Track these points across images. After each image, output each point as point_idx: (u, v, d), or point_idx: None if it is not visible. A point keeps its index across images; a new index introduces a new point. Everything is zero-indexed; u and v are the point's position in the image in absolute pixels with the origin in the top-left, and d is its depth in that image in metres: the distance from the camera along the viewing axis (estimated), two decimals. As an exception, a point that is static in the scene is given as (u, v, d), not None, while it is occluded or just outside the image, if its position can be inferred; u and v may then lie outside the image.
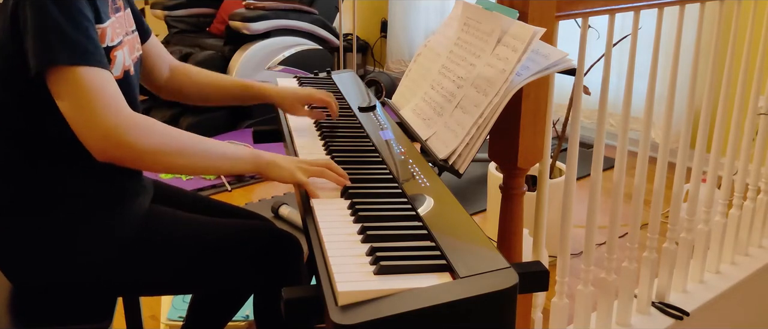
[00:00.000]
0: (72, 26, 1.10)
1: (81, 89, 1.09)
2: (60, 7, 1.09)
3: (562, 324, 1.64)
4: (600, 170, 1.58)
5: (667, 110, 1.69)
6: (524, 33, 1.23)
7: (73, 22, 1.10)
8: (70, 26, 1.09)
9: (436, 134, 1.35)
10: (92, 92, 1.09)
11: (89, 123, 1.09)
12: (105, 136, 1.09)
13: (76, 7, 1.11)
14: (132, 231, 1.28)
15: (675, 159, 1.88)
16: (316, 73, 1.99)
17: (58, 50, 1.09)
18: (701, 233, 1.99)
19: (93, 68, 1.10)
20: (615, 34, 1.52)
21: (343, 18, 4.18)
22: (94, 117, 1.08)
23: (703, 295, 1.95)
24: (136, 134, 1.10)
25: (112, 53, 1.22)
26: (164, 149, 1.13)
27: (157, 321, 2.13)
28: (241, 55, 3.98)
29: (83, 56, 1.10)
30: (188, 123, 3.85)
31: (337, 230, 1.02)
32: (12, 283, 1.29)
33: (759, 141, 2.09)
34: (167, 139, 1.13)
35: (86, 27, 1.12)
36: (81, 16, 1.11)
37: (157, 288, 1.36)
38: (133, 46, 1.33)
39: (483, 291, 0.86)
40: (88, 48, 1.11)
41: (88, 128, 1.09)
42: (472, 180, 3.26)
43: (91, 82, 1.09)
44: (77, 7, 1.11)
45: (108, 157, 1.11)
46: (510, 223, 1.42)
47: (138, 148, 1.10)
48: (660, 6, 1.55)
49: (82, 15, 1.12)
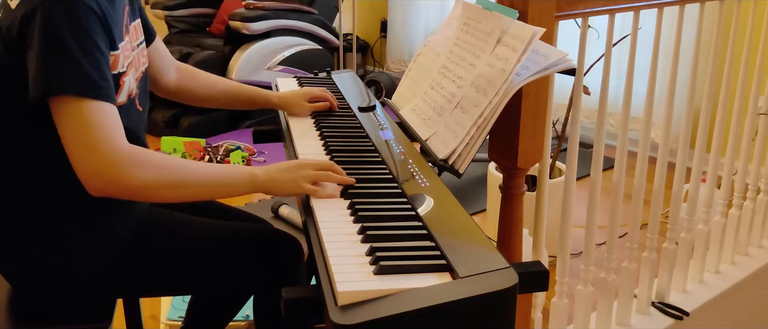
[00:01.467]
0: (85, 58, 1.08)
1: (85, 124, 1.08)
2: (75, 37, 1.07)
3: (561, 324, 1.64)
4: (600, 170, 1.58)
5: (667, 110, 1.69)
6: (524, 33, 1.23)
7: (87, 53, 1.08)
8: (84, 58, 1.08)
9: (435, 134, 1.35)
10: (95, 127, 1.08)
11: (88, 159, 1.08)
12: (99, 175, 1.08)
13: (91, 39, 1.09)
14: (131, 233, 1.28)
15: (675, 159, 1.88)
16: (316, 73, 1.99)
17: (68, 81, 1.07)
18: (701, 233, 1.99)
19: (99, 103, 1.09)
20: (615, 34, 1.52)
21: (343, 18, 4.18)
22: (92, 153, 1.07)
23: (703, 295, 1.95)
24: (131, 171, 1.09)
25: (121, 79, 1.21)
26: (159, 182, 1.12)
27: (157, 321, 2.13)
28: (241, 55, 3.98)
29: (92, 90, 1.09)
30: (189, 123, 3.85)
31: (337, 230, 1.02)
32: (12, 284, 1.29)
33: (759, 141, 2.09)
34: (162, 171, 1.12)
35: (99, 60, 1.10)
36: (95, 47, 1.10)
37: (157, 289, 1.36)
38: (138, 63, 1.31)
39: (483, 291, 0.86)
40: (97, 82, 1.09)
41: (86, 164, 1.08)
42: (472, 180, 3.26)
43: (96, 117, 1.08)
44: (93, 38, 1.09)
45: (101, 192, 1.10)
46: (510, 223, 1.42)
47: (132, 183, 1.09)
48: (660, 6, 1.55)
49: (96, 47, 1.10)
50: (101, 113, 1.09)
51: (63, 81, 1.07)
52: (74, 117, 1.08)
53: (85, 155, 1.08)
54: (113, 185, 1.09)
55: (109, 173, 1.08)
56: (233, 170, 1.19)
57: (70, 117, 1.08)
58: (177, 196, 1.15)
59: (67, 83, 1.07)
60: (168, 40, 4.46)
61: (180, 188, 1.14)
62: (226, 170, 1.18)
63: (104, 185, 1.09)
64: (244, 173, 1.18)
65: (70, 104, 1.08)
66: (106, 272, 1.26)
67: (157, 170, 1.11)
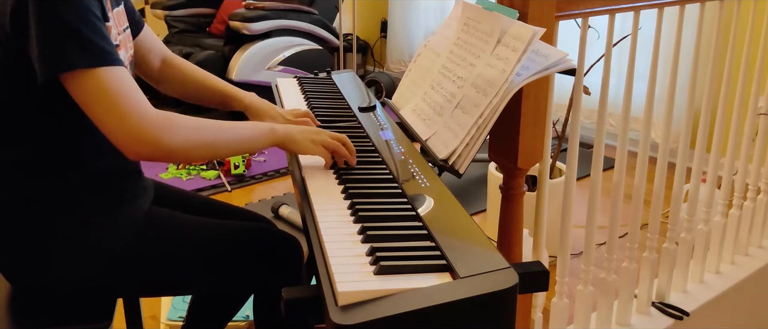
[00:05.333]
0: (86, 27, 1.08)
1: (107, 93, 1.08)
2: (71, 9, 1.07)
3: (562, 324, 1.64)
4: (600, 170, 1.58)
5: (667, 110, 1.69)
6: (524, 33, 1.23)
7: (86, 23, 1.08)
8: (85, 28, 1.07)
9: (436, 134, 1.35)
10: (119, 94, 1.09)
11: (122, 127, 1.09)
12: (138, 140, 1.10)
13: (86, 7, 1.09)
14: (132, 233, 1.28)
15: (675, 159, 1.88)
16: (316, 73, 1.99)
17: (75, 55, 1.06)
18: (701, 233, 1.99)
19: (114, 68, 1.10)
20: (615, 34, 1.52)
21: (343, 18, 4.18)
22: (124, 121, 1.09)
23: (703, 295, 1.95)
24: (166, 134, 1.11)
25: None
26: (192, 143, 1.15)
27: (157, 321, 2.13)
28: (241, 55, 3.98)
29: (102, 57, 1.08)
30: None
31: (337, 230, 1.02)
32: (12, 284, 1.29)
33: (759, 141, 2.09)
34: (192, 133, 1.16)
35: (99, 26, 1.10)
36: (92, 15, 1.09)
37: (157, 289, 1.36)
38: (126, 47, 1.32)
39: (483, 291, 0.86)
40: (105, 48, 1.09)
41: (121, 132, 1.09)
42: (472, 180, 3.26)
43: (116, 83, 1.09)
44: (87, 6, 1.09)
45: (140, 157, 1.13)
46: (510, 223, 1.42)
47: (169, 147, 1.12)
48: (660, 6, 1.55)
49: (92, 14, 1.09)
50: (119, 79, 1.10)
51: (71, 56, 1.06)
52: (97, 90, 1.08)
53: (118, 124, 1.09)
54: (151, 148, 1.11)
55: (146, 137, 1.10)
56: (255, 126, 1.25)
57: (90, 91, 1.08)
58: (208, 155, 1.20)
59: (75, 57, 1.06)
60: (168, 40, 4.46)
61: (211, 147, 1.19)
62: (250, 127, 1.24)
63: (143, 148, 1.11)
64: (266, 127, 1.25)
65: (85, 77, 1.08)
66: (106, 272, 1.26)
67: (187, 132, 1.15)
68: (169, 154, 1.13)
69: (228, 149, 1.24)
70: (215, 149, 1.21)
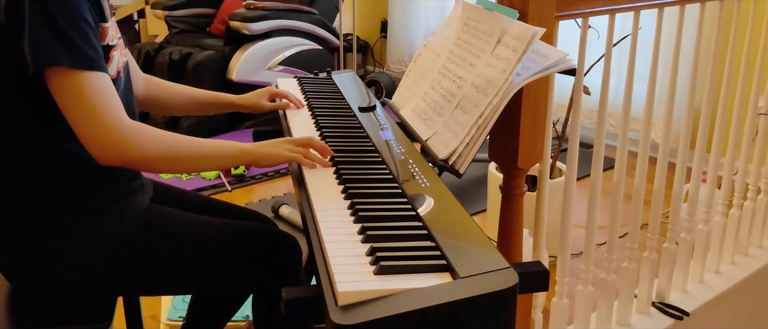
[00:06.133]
0: (73, 30, 1.11)
1: (85, 97, 1.11)
2: (61, 9, 1.10)
3: (562, 324, 1.64)
4: (600, 170, 1.58)
5: (667, 110, 1.69)
6: (524, 33, 1.23)
7: (74, 25, 1.11)
8: (72, 29, 1.10)
9: (436, 134, 1.35)
10: (95, 99, 1.12)
11: (93, 132, 1.12)
12: (108, 146, 1.13)
13: (77, 12, 1.11)
14: (131, 231, 1.28)
15: (675, 159, 1.88)
16: (316, 73, 1.99)
17: (60, 52, 1.09)
18: (701, 233, 1.99)
19: (95, 73, 1.13)
20: (615, 34, 1.52)
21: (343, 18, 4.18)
22: (97, 126, 1.12)
23: (703, 295, 1.95)
24: (137, 145, 1.14)
25: (111, 52, 1.23)
26: (161, 155, 1.18)
27: (157, 321, 2.13)
28: (241, 55, 3.98)
29: (85, 61, 1.11)
30: (189, 124, 3.85)
31: (337, 230, 1.02)
32: (11, 284, 1.29)
33: (759, 141, 2.09)
34: (164, 145, 1.19)
35: (87, 32, 1.13)
36: (82, 20, 1.12)
37: (157, 288, 1.36)
38: (122, 50, 1.34)
39: (483, 291, 0.86)
40: (88, 53, 1.12)
41: (94, 137, 1.13)
42: (472, 180, 3.26)
43: (95, 89, 1.12)
44: (79, 11, 1.12)
45: (110, 163, 1.15)
46: (510, 223, 1.42)
47: (139, 156, 1.15)
48: (660, 6, 1.55)
49: (83, 19, 1.12)
50: (98, 86, 1.13)
51: (55, 53, 1.09)
52: (75, 92, 1.11)
53: (89, 127, 1.12)
54: (120, 155, 1.14)
55: (117, 145, 1.13)
56: (226, 144, 1.28)
57: (68, 91, 1.12)
58: (176, 168, 1.24)
59: (60, 55, 1.10)
60: (168, 40, 4.46)
61: (179, 161, 1.22)
62: (221, 145, 1.27)
63: (111, 155, 1.14)
64: (236, 146, 1.28)
65: (68, 77, 1.11)
66: (106, 271, 1.26)
67: (160, 144, 1.18)
68: (138, 163, 1.17)
69: (198, 165, 1.25)
70: (184, 164, 1.23)
